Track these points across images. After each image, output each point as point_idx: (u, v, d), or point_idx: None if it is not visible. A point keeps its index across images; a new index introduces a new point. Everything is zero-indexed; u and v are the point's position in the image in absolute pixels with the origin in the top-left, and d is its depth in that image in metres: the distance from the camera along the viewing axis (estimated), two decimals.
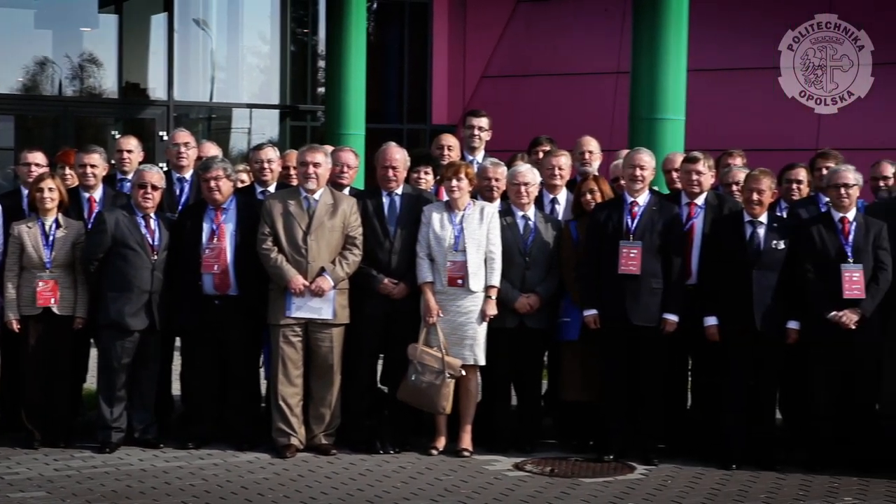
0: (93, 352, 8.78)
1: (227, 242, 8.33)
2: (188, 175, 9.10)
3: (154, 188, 8.32)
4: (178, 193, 9.03)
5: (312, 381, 8.39)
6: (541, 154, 9.44)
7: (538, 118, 16.54)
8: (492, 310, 8.34)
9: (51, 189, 8.31)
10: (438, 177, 8.91)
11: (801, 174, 8.88)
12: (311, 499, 7.34)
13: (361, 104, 15.88)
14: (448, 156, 9.32)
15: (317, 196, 8.32)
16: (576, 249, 8.50)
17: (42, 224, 8.31)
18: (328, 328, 8.31)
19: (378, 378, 9.00)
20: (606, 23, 18.11)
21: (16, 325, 8.26)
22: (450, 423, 8.49)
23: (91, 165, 8.67)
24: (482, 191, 8.61)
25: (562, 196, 8.93)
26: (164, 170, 8.99)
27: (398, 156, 8.54)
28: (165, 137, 16.62)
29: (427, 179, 8.93)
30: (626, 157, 8.55)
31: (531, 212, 8.56)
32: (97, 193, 8.73)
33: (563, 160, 8.92)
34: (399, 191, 8.54)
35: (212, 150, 9.42)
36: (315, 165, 8.28)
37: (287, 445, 8.30)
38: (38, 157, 8.84)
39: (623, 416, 8.33)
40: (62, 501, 7.18)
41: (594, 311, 8.28)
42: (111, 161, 9.18)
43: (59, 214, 8.37)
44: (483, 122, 9.75)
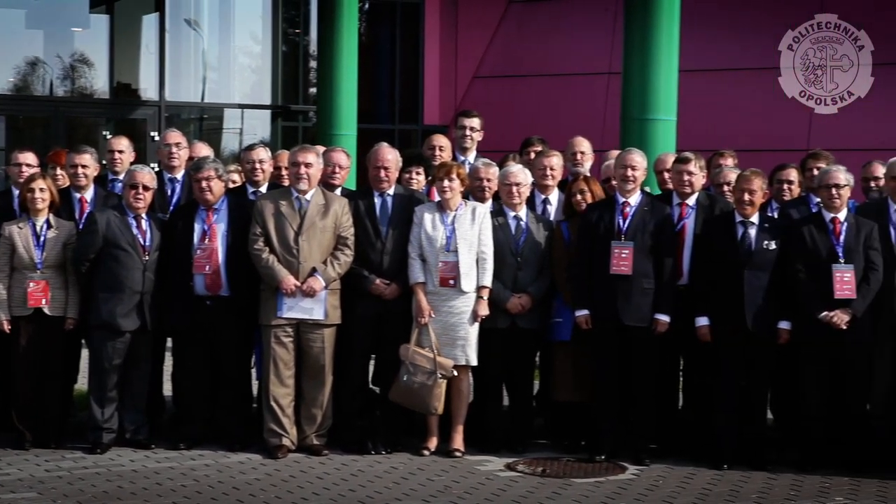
0: (84, 352, 8.76)
1: (219, 243, 8.32)
2: (180, 175, 9.09)
3: (145, 188, 8.31)
4: (170, 194, 9.02)
5: (304, 382, 8.39)
6: (532, 154, 9.44)
7: (530, 118, 16.55)
8: (483, 310, 8.35)
9: (42, 189, 8.30)
10: (430, 177, 8.91)
11: (793, 175, 8.89)
12: (303, 499, 7.33)
13: (353, 104, 15.88)
14: (440, 156, 9.32)
15: (308, 196, 8.31)
16: (567, 250, 8.50)
17: (33, 224, 8.29)
18: (320, 329, 8.30)
19: (370, 378, 8.98)
20: (598, 23, 18.12)
21: (6, 326, 8.24)
22: (441, 424, 8.48)
23: (82, 166, 8.66)
24: (474, 191, 8.61)
25: (553, 196, 8.93)
26: (156, 170, 8.99)
27: (390, 156, 8.53)
28: (157, 138, 16.60)
29: (419, 180, 8.94)
30: (618, 158, 8.56)
31: (523, 212, 8.56)
32: (88, 194, 8.72)
33: (555, 160, 8.92)
34: (391, 191, 8.53)
35: (203, 151, 9.41)
36: (306, 166, 8.28)
37: (279, 446, 8.29)
38: (29, 158, 8.84)
39: (614, 417, 8.33)
40: (53, 502, 7.16)
41: (586, 312, 8.29)
42: (102, 161, 9.18)
43: (51, 215, 8.35)
44: (475, 123, 9.76)
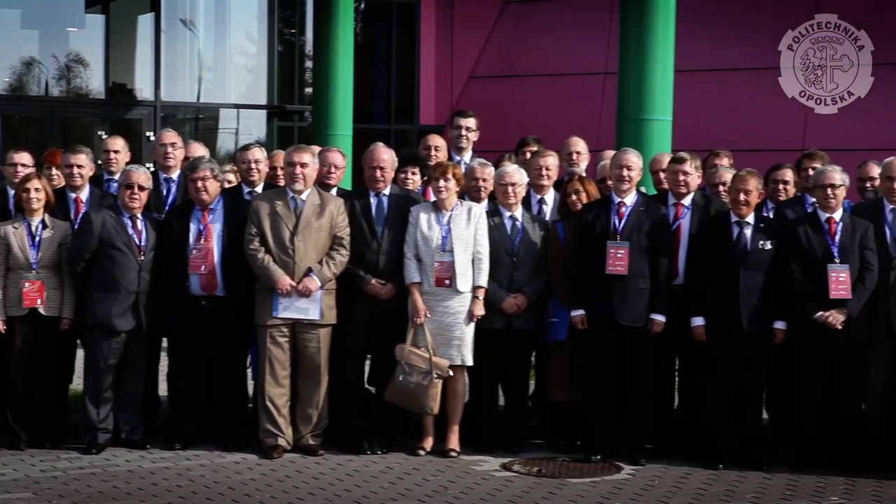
0: (79, 352, 8.76)
1: (215, 243, 8.32)
2: (175, 175, 9.08)
3: (141, 188, 8.31)
4: (165, 194, 9.01)
5: (300, 382, 8.38)
6: (528, 154, 9.44)
7: (526, 119, 16.54)
8: (479, 310, 8.34)
9: (37, 189, 8.29)
10: (426, 177, 8.91)
11: (788, 175, 8.89)
12: (299, 499, 7.33)
13: (349, 104, 15.87)
14: (435, 156, 9.33)
15: (304, 196, 8.31)
16: (563, 250, 8.50)
17: (28, 224, 8.28)
18: (315, 329, 8.30)
19: (365, 379, 8.99)
20: (594, 24, 18.12)
21: (1, 326, 8.23)
22: (437, 424, 8.48)
23: (78, 166, 8.66)
24: (470, 191, 8.61)
25: (549, 196, 8.93)
26: (151, 170, 8.98)
27: (386, 156, 8.53)
28: (152, 138, 16.58)
29: (414, 180, 8.94)
30: (614, 158, 8.56)
31: (518, 212, 8.56)
32: (84, 194, 8.71)
33: (551, 161, 8.93)
34: (386, 191, 8.53)
35: (199, 151, 9.41)
36: (302, 166, 8.28)
37: (274, 446, 8.29)
38: (25, 158, 8.84)
39: (610, 417, 8.33)
40: (48, 502, 7.15)
41: (581, 312, 8.29)
42: (98, 161, 9.18)
43: (46, 215, 8.34)
44: (471, 123, 9.76)
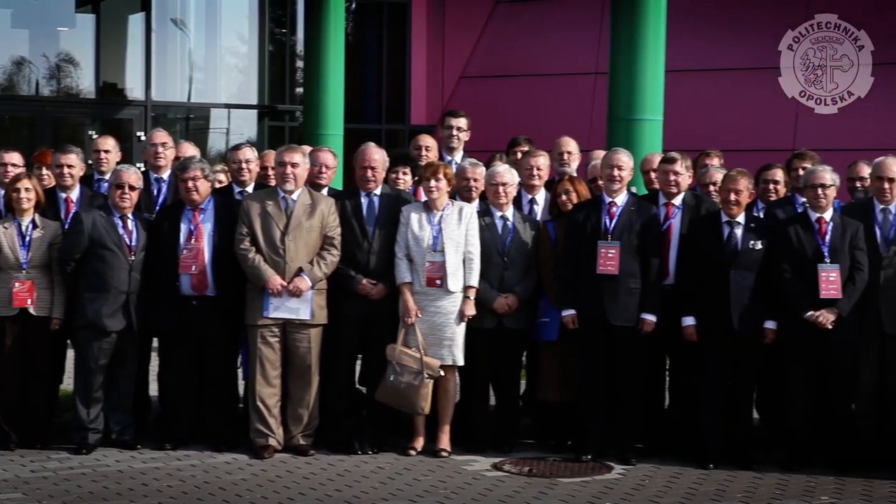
0: (69, 353, 8.73)
1: (205, 243, 8.31)
2: (166, 175, 9.06)
3: (131, 188, 8.29)
4: (156, 194, 8.99)
5: (290, 382, 8.38)
6: (519, 154, 9.45)
7: (517, 118, 16.55)
8: (470, 310, 8.35)
9: (27, 189, 8.27)
10: (417, 177, 8.91)
11: (778, 175, 8.91)
12: (290, 499, 7.32)
13: (340, 104, 15.87)
14: (426, 156, 9.33)
15: (295, 196, 8.30)
16: (554, 250, 8.51)
17: (18, 224, 8.26)
18: (306, 329, 8.29)
19: (356, 378, 8.99)
20: (585, 24, 18.14)
21: None
22: (428, 424, 8.48)
23: (68, 166, 8.63)
24: (461, 191, 8.61)
25: (540, 196, 8.93)
26: (142, 170, 8.96)
27: (377, 156, 8.53)
28: (143, 137, 16.56)
29: (405, 180, 8.94)
30: (605, 158, 8.56)
31: (509, 212, 8.56)
32: (74, 194, 8.69)
33: (542, 160, 8.93)
34: (378, 191, 8.53)
35: (189, 151, 9.39)
36: (293, 166, 8.27)
37: (265, 446, 8.28)
38: (15, 158, 8.82)
39: (601, 416, 8.34)
40: (38, 503, 7.14)
41: (572, 312, 8.30)
42: (88, 161, 9.15)
43: (36, 215, 8.32)
44: (462, 123, 9.77)
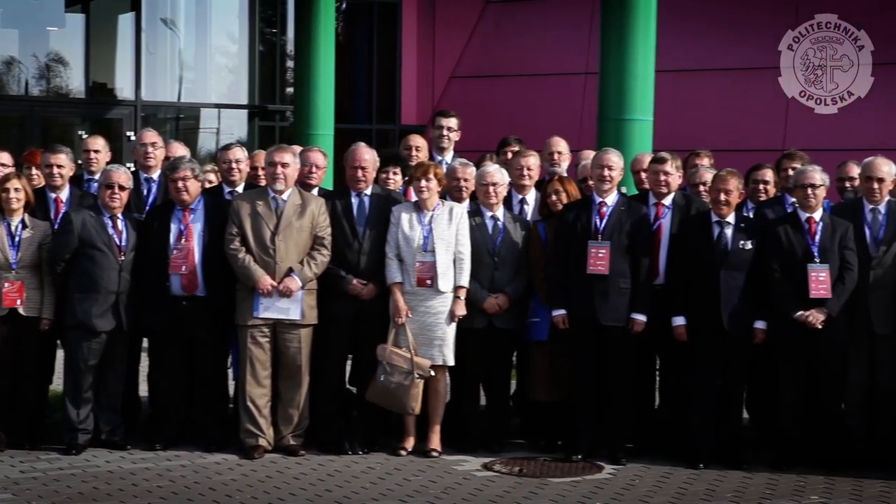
0: (59, 353, 8.72)
1: (195, 243, 8.30)
2: (156, 175, 9.05)
3: (121, 188, 8.28)
4: (146, 194, 8.98)
5: (281, 382, 8.37)
6: (509, 154, 9.44)
7: (507, 118, 16.56)
8: (461, 310, 8.35)
9: (17, 189, 8.25)
10: (407, 177, 8.90)
11: (768, 175, 8.93)
12: (280, 500, 7.32)
13: (330, 104, 15.87)
14: (416, 156, 9.32)
15: (285, 196, 8.30)
16: (544, 250, 8.51)
17: (8, 225, 8.24)
18: (296, 329, 8.29)
19: (347, 379, 8.98)
20: (575, 24, 18.16)
21: None
22: (418, 424, 8.48)
23: (58, 166, 8.62)
24: (451, 191, 8.61)
25: (530, 196, 8.94)
26: (132, 170, 8.95)
27: (367, 156, 8.52)
28: (133, 137, 16.54)
29: (396, 180, 8.93)
30: (595, 158, 8.57)
31: (500, 212, 8.57)
32: (64, 194, 8.68)
33: (532, 160, 8.93)
34: (368, 191, 8.52)
35: (179, 151, 9.38)
36: (283, 166, 8.27)
37: (255, 446, 8.28)
38: (4, 158, 8.80)
39: (592, 416, 8.34)
40: (28, 503, 7.15)
41: (562, 312, 8.30)
42: (78, 161, 9.13)
43: (26, 215, 8.31)
44: (452, 123, 9.76)
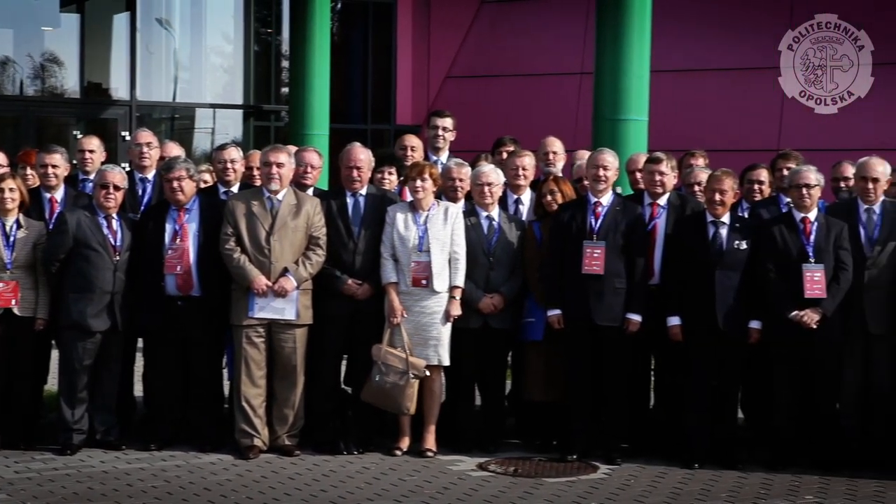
0: (54, 353, 8.71)
1: (190, 243, 8.29)
2: (151, 175, 9.05)
3: (116, 188, 8.28)
4: (141, 194, 8.98)
5: (276, 382, 8.37)
6: (504, 154, 9.45)
7: (502, 118, 16.55)
8: (456, 310, 8.35)
9: (11, 189, 8.24)
10: (402, 177, 8.90)
11: (763, 175, 8.94)
12: (275, 500, 7.31)
13: (325, 104, 15.86)
14: (411, 156, 9.33)
15: (280, 196, 8.30)
16: (539, 250, 8.52)
17: (3, 224, 8.23)
18: (291, 329, 8.28)
19: (342, 379, 8.98)
20: (570, 24, 18.14)
21: None
22: (414, 424, 8.48)
23: (52, 166, 8.62)
24: (446, 191, 8.62)
25: (525, 196, 8.94)
26: (127, 170, 8.95)
27: (362, 156, 8.53)
28: (128, 137, 16.53)
29: (391, 180, 8.93)
30: (590, 158, 8.57)
31: (495, 212, 8.57)
32: (59, 194, 8.68)
33: (527, 160, 8.94)
34: (363, 191, 8.53)
35: (174, 151, 9.38)
36: (278, 166, 8.27)
37: (250, 446, 8.27)
38: None
39: (587, 416, 8.34)
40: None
41: (558, 311, 8.30)
42: (73, 161, 9.13)
43: (20, 215, 8.30)
44: (447, 123, 9.76)
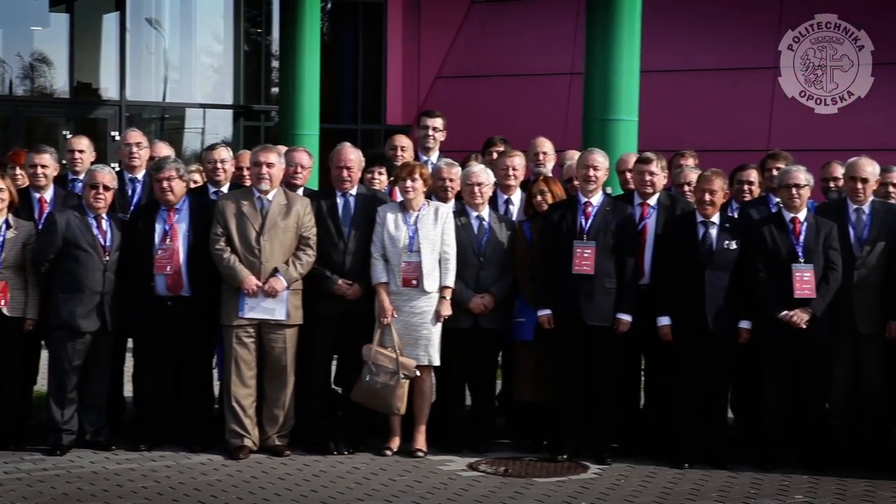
0: (43, 353, 8.70)
1: (180, 243, 8.28)
2: (140, 175, 9.03)
3: (106, 188, 8.26)
4: (131, 194, 8.97)
5: (266, 383, 8.36)
6: (495, 154, 9.45)
7: (492, 119, 16.55)
8: (446, 310, 8.35)
9: (0, 189, 8.23)
10: (392, 177, 8.90)
11: (753, 175, 8.95)
12: (265, 500, 7.31)
13: (315, 104, 15.85)
14: (402, 156, 9.32)
15: (270, 196, 8.29)
16: (530, 250, 8.52)
17: None
18: (281, 329, 8.28)
19: (332, 379, 8.98)
20: (561, 24, 18.16)
21: None
22: (404, 424, 8.48)
23: (42, 166, 8.61)
24: (437, 191, 8.62)
25: (516, 196, 8.95)
26: (116, 170, 8.94)
27: (353, 156, 8.52)
28: (117, 137, 16.50)
29: (381, 180, 8.93)
30: (580, 158, 8.58)
31: (485, 212, 8.57)
32: (48, 194, 8.66)
33: (518, 161, 8.94)
34: (353, 191, 8.52)
35: (164, 151, 9.36)
36: (268, 166, 8.26)
37: (240, 447, 8.26)
38: None
39: (577, 416, 8.35)
40: None
41: (548, 311, 8.31)
42: (62, 161, 9.12)
43: (10, 215, 8.28)
44: (437, 123, 9.76)
